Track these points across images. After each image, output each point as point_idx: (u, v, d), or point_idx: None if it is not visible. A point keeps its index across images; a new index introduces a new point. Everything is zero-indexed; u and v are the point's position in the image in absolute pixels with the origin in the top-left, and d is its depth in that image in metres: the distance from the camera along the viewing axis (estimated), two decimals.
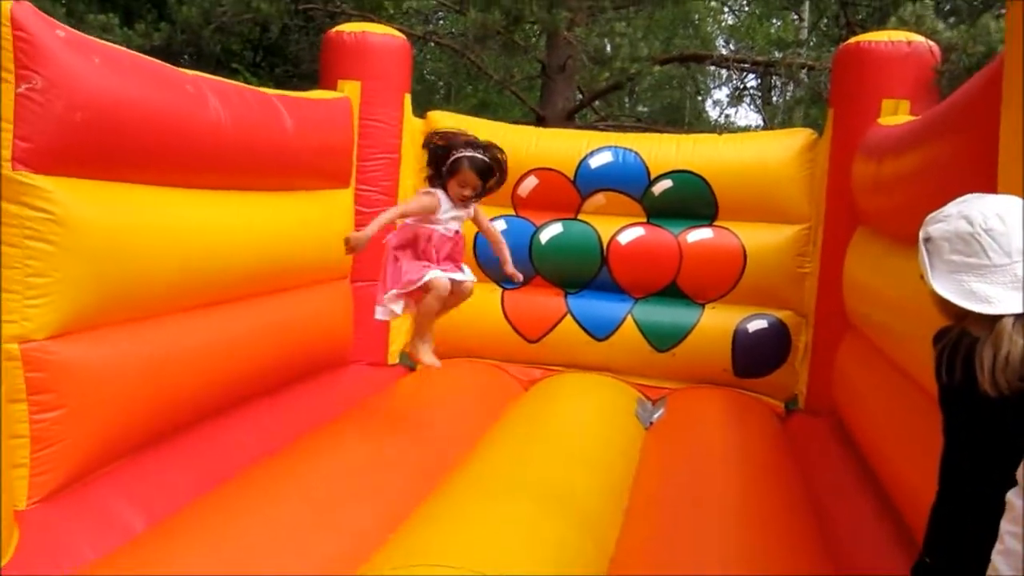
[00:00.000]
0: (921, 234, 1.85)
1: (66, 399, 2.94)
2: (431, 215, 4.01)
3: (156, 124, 3.30)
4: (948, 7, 10.80)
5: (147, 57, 3.46)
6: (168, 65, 3.54)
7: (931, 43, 4.79)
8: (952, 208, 1.80)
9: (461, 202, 4.07)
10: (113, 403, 3.17)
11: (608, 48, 8.26)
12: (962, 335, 1.83)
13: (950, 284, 1.76)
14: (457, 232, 4.12)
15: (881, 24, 8.73)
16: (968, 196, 1.82)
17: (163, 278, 3.43)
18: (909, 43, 4.71)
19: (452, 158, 3.99)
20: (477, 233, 5.41)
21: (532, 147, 5.36)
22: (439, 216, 4.02)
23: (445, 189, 4.03)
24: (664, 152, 5.25)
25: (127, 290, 3.24)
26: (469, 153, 3.98)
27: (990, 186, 2.31)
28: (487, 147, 4.04)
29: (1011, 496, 1.43)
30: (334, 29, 5.35)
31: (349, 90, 5.15)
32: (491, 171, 4.03)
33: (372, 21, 7.19)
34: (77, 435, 3.00)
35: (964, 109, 2.89)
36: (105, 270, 3.09)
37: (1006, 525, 1.44)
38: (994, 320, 1.71)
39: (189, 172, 3.60)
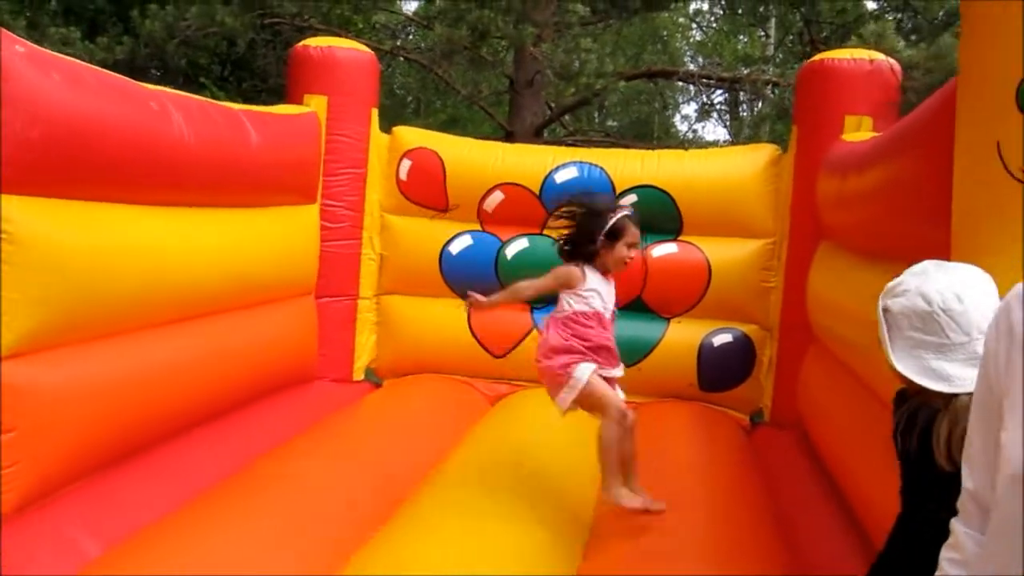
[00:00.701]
0: (880, 304, 1.85)
1: (19, 421, 2.88)
2: (571, 289, 3.50)
3: (118, 141, 3.26)
4: (910, 26, 11.01)
5: (109, 72, 3.42)
6: (131, 80, 3.50)
7: (892, 61, 4.86)
8: (910, 281, 1.79)
9: (618, 270, 3.56)
10: (70, 425, 3.11)
11: (575, 64, 8.31)
12: (921, 406, 1.84)
13: (909, 361, 1.76)
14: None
15: (844, 42, 8.87)
16: (927, 266, 1.82)
17: (123, 297, 3.38)
18: (871, 61, 4.78)
19: (611, 220, 3.45)
20: (443, 248, 5.42)
21: (498, 162, 5.36)
22: (584, 292, 3.48)
23: (591, 261, 3.49)
24: (629, 167, 5.28)
25: (86, 309, 3.18)
26: (624, 212, 3.51)
27: (946, 203, 2.34)
28: (615, 202, 3.65)
29: (954, 523, 1.44)
30: (301, 44, 5.33)
31: (316, 105, 5.13)
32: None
33: (340, 36, 7.17)
34: (31, 458, 2.93)
35: (922, 127, 2.93)
36: (63, 289, 3.04)
37: (946, 552, 1.44)
38: (953, 395, 1.71)
39: (151, 189, 3.56)
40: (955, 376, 1.70)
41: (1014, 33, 2.06)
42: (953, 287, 1.72)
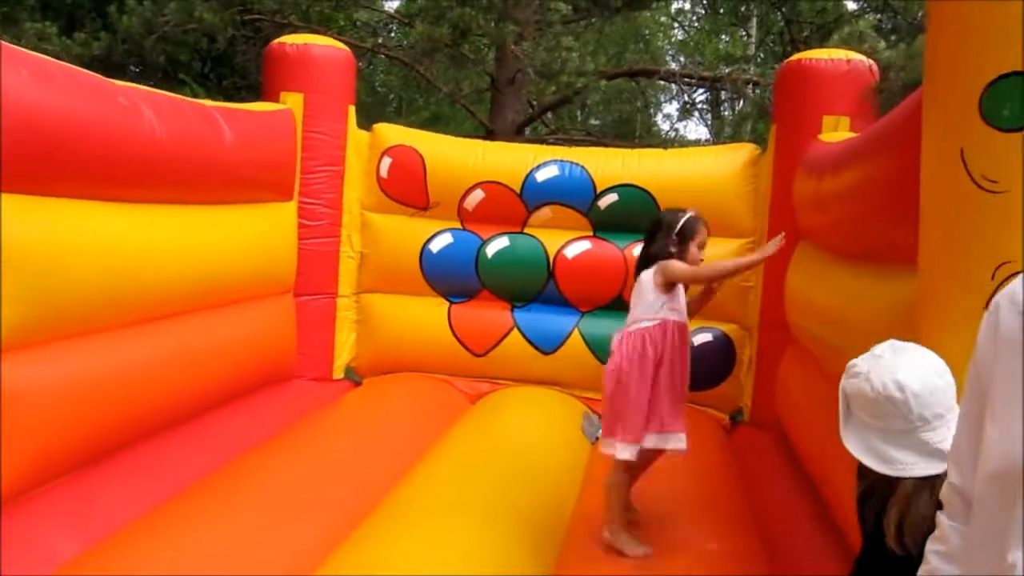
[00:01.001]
0: (840, 383, 1.88)
1: None
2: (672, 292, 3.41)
3: (87, 137, 3.22)
4: (890, 26, 11.06)
5: (79, 69, 3.38)
6: (100, 77, 3.47)
7: (870, 61, 4.88)
8: (863, 364, 1.80)
9: None
10: (45, 424, 3.07)
11: (557, 62, 8.30)
12: (875, 483, 1.86)
13: (859, 442, 1.77)
14: None
15: (824, 42, 8.91)
16: (884, 348, 1.84)
17: (97, 295, 3.34)
18: (848, 61, 4.79)
19: (681, 221, 3.43)
20: (423, 246, 5.40)
21: (479, 160, 5.35)
22: (679, 297, 3.42)
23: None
24: (610, 166, 5.28)
25: (59, 308, 3.15)
26: (691, 213, 3.48)
27: (917, 204, 2.34)
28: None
29: (939, 516, 1.44)
30: (277, 41, 5.29)
31: (292, 102, 5.10)
32: None
33: (321, 33, 7.13)
34: (6, 457, 2.89)
35: (896, 129, 2.94)
36: (35, 287, 3.00)
37: (932, 545, 1.45)
38: (900, 478, 1.74)
39: (122, 186, 3.52)
40: (899, 460, 1.71)
41: (977, 42, 2.06)
42: (897, 375, 1.75)
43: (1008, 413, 1.19)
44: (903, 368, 1.74)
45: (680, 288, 3.47)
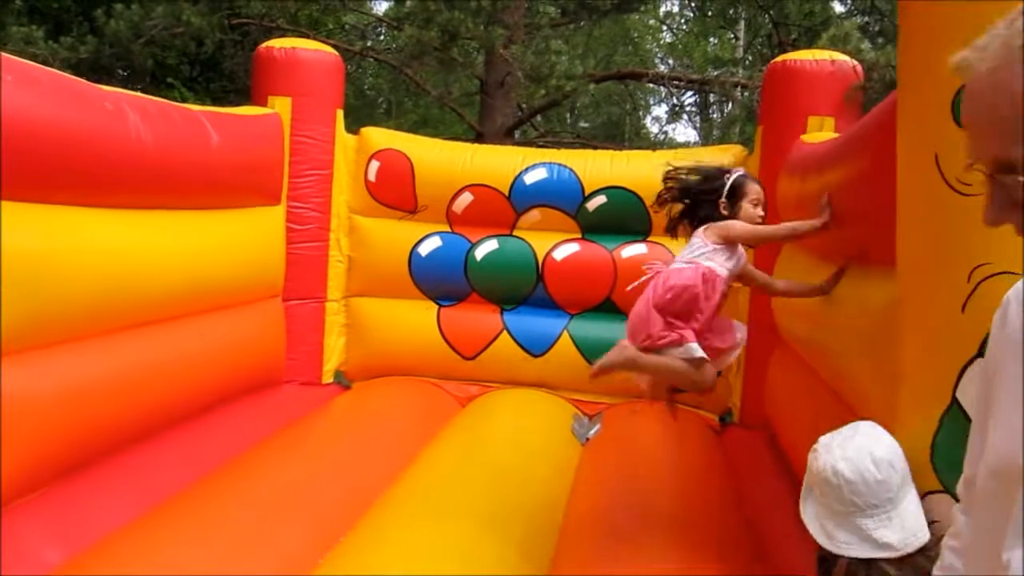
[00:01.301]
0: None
1: None
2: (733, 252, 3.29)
3: (72, 143, 3.20)
4: (877, 28, 11.13)
5: (64, 74, 3.37)
6: (85, 81, 3.45)
7: (855, 62, 4.91)
8: (823, 441, 1.90)
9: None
10: (32, 430, 3.05)
11: (545, 66, 8.32)
12: (825, 552, 1.93)
13: (811, 514, 1.90)
14: None
15: (812, 44, 8.95)
16: (846, 429, 1.89)
17: (83, 301, 3.33)
18: (833, 62, 4.81)
19: (728, 180, 3.30)
20: (412, 249, 5.40)
21: (467, 163, 5.35)
22: (730, 261, 3.27)
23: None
24: (598, 168, 5.29)
25: (45, 314, 3.13)
26: (739, 172, 3.37)
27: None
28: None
29: (954, 510, 1.45)
30: (264, 45, 5.29)
31: (280, 106, 5.09)
32: None
33: (309, 36, 7.13)
34: None
35: (875, 130, 2.96)
36: (21, 294, 2.98)
37: (948, 540, 1.45)
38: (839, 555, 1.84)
39: (108, 191, 3.51)
40: (837, 538, 1.83)
41: (950, 45, 2.08)
42: (837, 463, 1.85)
43: (1009, 411, 1.19)
44: (845, 455, 1.86)
45: (739, 250, 3.32)
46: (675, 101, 16.70)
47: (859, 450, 1.86)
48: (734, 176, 3.33)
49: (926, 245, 2.17)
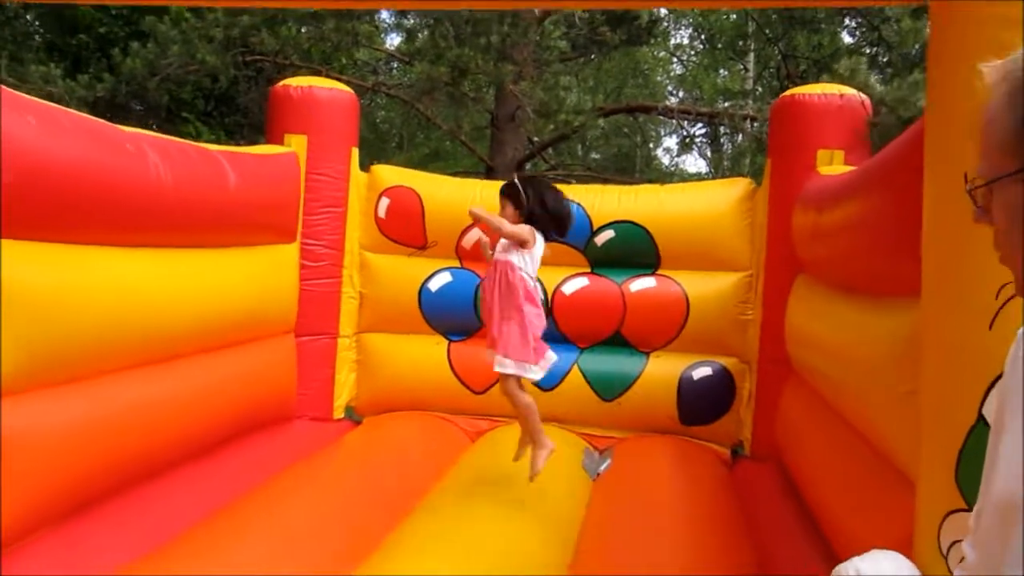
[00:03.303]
0: None
1: None
2: (523, 250, 3.90)
3: (94, 184, 3.26)
4: (886, 59, 11.18)
5: (85, 115, 3.44)
6: (107, 123, 3.52)
7: (863, 96, 4.94)
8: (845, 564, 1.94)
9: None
10: (46, 468, 3.08)
11: (554, 101, 8.39)
12: None
13: None
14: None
15: (820, 76, 9.01)
16: (859, 560, 1.94)
17: (100, 339, 3.36)
18: (842, 96, 4.85)
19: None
20: (422, 285, 5.43)
21: (476, 199, 5.39)
22: (531, 261, 3.94)
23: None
24: (606, 203, 5.32)
25: (61, 351, 3.17)
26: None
27: (918, 237, 2.37)
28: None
29: (964, 544, 1.45)
30: (281, 83, 5.37)
31: (296, 144, 5.16)
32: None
33: (321, 73, 7.23)
34: (5, 501, 2.90)
35: (894, 162, 2.98)
36: (40, 332, 3.02)
37: (958, 571, 1.46)
38: None
39: (127, 231, 3.56)
40: None
41: (979, 63, 2.10)
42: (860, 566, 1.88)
43: (1013, 444, 1.20)
44: (866, 562, 1.88)
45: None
46: (685, 133, 16.79)
47: (885, 563, 1.89)
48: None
49: (953, 265, 2.17)
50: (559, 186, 5.59)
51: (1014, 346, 1.31)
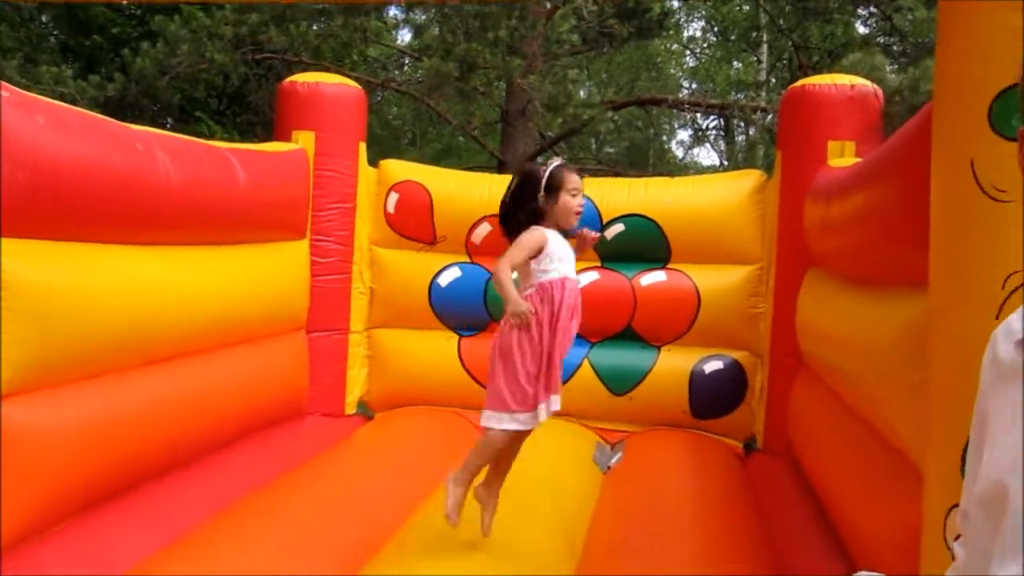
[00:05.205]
0: None
1: (6, 462, 2.87)
2: (537, 258, 3.29)
3: (103, 183, 3.28)
4: (900, 49, 11.09)
5: (95, 115, 3.46)
6: (116, 122, 3.53)
7: (875, 86, 4.88)
8: None
9: (570, 224, 3.34)
10: (57, 466, 3.09)
11: (563, 95, 8.36)
12: None
13: None
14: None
15: (833, 67, 8.94)
16: None
17: (112, 337, 3.39)
18: (852, 86, 4.80)
19: (546, 172, 3.26)
20: (432, 280, 5.42)
21: (485, 194, 5.37)
22: (551, 257, 3.28)
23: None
24: (616, 196, 5.29)
25: (74, 350, 3.19)
26: (556, 163, 3.32)
27: (926, 226, 2.35)
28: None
29: (955, 546, 1.44)
30: (288, 80, 5.37)
31: (304, 140, 5.17)
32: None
33: (331, 70, 7.23)
34: (16, 501, 2.92)
35: (900, 151, 2.95)
36: (51, 331, 3.05)
37: (949, 571, 1.45)
38: None
39: (138, 230, 3.58)
40: None
41: (986, 51, 2.08)
42: None
43: (997, 440, 1.20)
44: None
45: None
46: (698, 125, 16.73)
47: None
48: (552, 167, 3.28)
49: (960, 253, 2.16)
50: None
51: (988, 352, 1.31)
